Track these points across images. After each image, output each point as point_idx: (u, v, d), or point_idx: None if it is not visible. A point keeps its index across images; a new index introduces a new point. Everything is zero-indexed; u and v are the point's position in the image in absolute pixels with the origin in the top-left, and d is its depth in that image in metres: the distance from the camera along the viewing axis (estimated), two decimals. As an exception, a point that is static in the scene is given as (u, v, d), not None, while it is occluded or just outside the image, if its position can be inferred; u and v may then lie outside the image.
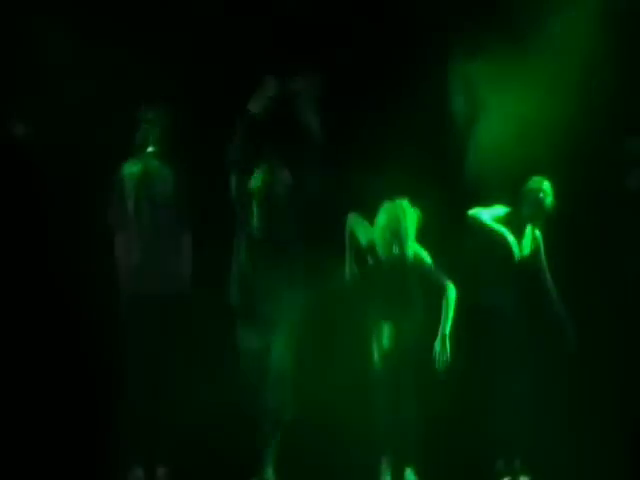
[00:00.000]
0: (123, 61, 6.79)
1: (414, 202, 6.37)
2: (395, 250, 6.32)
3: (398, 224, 6.29)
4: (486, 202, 6.70)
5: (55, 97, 6.83)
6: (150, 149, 6.43)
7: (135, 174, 6.36)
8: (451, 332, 6.30)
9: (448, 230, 6.82)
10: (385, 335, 6.50)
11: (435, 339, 6.28)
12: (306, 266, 6.47)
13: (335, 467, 6.64)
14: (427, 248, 6.44)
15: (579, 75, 6.86)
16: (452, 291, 6.35)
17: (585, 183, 6.98)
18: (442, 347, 6.29)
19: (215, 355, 6.75)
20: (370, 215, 6.45)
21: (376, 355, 6.50)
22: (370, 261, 6.47)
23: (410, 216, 6.32)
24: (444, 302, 6.34)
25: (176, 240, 6.44)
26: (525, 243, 6.69)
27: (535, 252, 6.71)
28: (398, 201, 6.36)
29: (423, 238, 6.43)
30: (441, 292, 6.36)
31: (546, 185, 6.61)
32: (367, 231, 6.46)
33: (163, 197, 6.39)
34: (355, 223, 6.52)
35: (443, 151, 6.97)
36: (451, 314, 6.32)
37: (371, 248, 6.43)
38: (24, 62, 6.90)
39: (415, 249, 6.39)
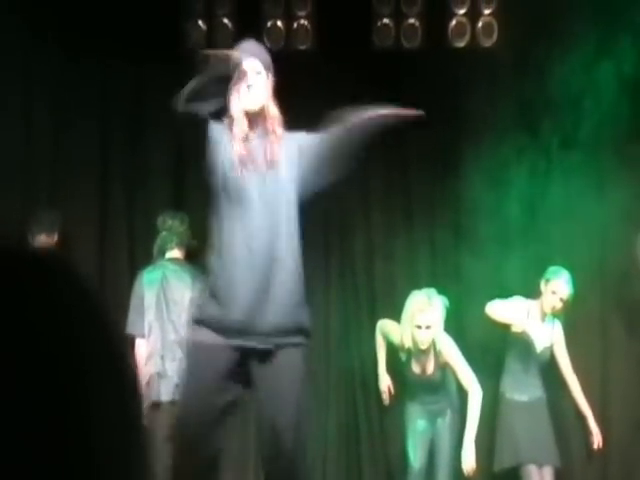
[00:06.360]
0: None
1: (439, 291, 6.27)
2: (423, 341, 6.17)
3: (426, 314, 6.15)
4: (505, 293, 6.58)
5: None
6: (168, 255, 6.26)
7: (155, 280, 6.17)
8: (476, 434, 6.18)
9: (468, 320, 6.73)
10: (419, 430, 6.32)
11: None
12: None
13: None
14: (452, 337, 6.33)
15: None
16: (477, 394, 6.19)
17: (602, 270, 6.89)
18: (468, 451, 6.14)
19: None
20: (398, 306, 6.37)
21: (411, 453, 6.31)
22: (402, 357, 6.32)
23: (437, 305, 6.20)
24: (470, 405, 6.20)
25: None
26: (545, 334, 6.56)
27: (556, 343, 6.59)
28: (424, 290, 6.25)
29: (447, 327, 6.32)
30: (468, 392, 6.22)
31: (564, 275, 6.51)
32: (397, 328, 6.35)
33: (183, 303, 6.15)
34: (384, 325, 6.49)
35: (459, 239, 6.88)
36: (476, 417, 6.17)
37: (402, 344, 6.30)
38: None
39: (443, 339, 6.24)
